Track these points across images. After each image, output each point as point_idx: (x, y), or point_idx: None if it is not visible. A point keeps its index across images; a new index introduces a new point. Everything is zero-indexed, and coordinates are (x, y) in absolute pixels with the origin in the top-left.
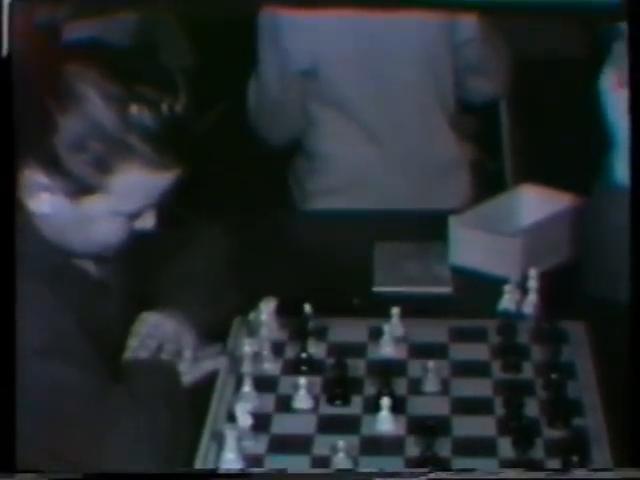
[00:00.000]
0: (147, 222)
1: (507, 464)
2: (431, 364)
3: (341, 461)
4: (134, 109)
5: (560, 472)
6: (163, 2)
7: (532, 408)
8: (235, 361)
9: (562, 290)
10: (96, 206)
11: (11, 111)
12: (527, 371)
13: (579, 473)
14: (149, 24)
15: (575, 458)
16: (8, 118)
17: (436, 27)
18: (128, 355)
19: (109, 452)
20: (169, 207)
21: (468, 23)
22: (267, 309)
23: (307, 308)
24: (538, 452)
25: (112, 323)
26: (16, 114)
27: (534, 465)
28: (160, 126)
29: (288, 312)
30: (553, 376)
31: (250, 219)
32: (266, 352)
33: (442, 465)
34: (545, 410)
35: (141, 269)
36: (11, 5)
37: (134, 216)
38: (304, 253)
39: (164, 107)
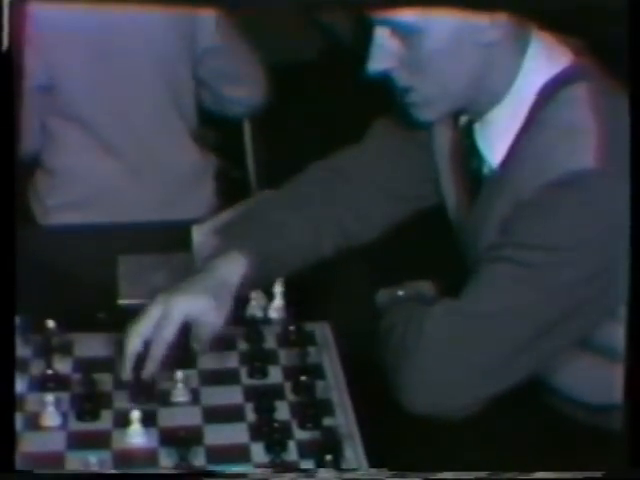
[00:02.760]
0: None
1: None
2: (179, 374)
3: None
4: None
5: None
6: None
7: (283, 411)
8: None
9: (306, 292)
10: None
11: (11, 110)
12: (276, 375)
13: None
14: None
15: (328, 457)
16: (8, 117)
17: (173, 39)
18: None
19: None
20: None
21: (207, 32)
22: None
23: (50, 324)
24: (292, 454)
25: None
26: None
27: (288, 467)
28: None
29: (31, 328)
30: (302, 378)
31: None
32: None
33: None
34: (296, 412)
35: None
36: (11, 5)
37: None
38: (46, 269)
39: None
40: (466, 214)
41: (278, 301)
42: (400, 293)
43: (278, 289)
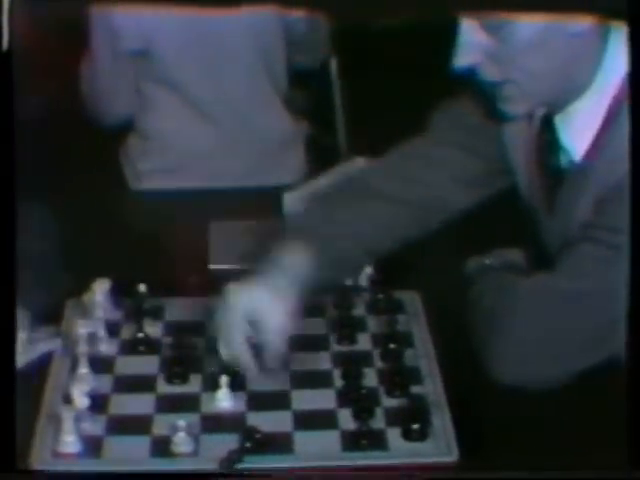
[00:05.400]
0: None
1: (348, 435)
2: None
3: (182, 440)
4: None
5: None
6: None
7: (371, 379)
8: (70, 342)
9: (396, 261)
10: None
11: (11, 110)
12: (365, 342)
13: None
14: None
15: (415, 426)
16: (8, 117)
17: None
18: None
19: None
20: None
21: None
22: (101, 289)
23: (142, 287)
24: (379, 422)
25: None
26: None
27: (375, 435)
28: None
29: (123, 292)
30: (391, 346)
31: (83, 200)
32: (101, 333)
33: None
34: (384, 380)
35: None
36: (11, 5)
37: None
38: (139, 233)
39: None
40: (547, 205)
41: (368, 269)
42: (489, 262)
43: None
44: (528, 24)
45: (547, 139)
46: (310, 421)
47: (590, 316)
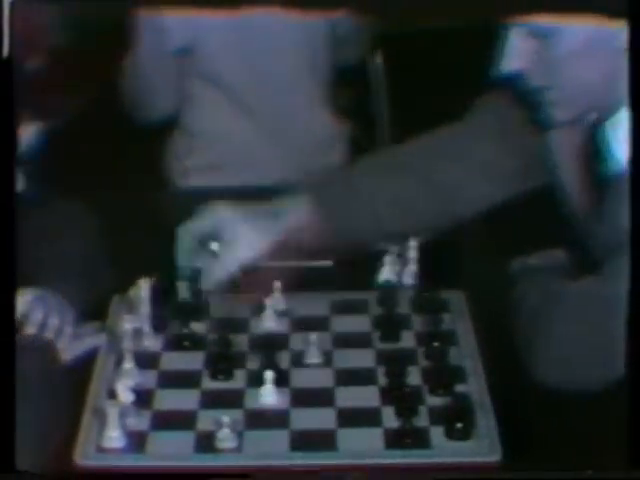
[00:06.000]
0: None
1: (391, 433)
2: (313, 337)
3: (226, 436)
4: None
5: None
6: None
7: (415, 377)
8: (115, 338)
9: (441, 260)
10: None
11: (11, 111)
12: (408, 340)
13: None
14: None
15: (459, 425)
16: (8, 118)
17: None
18: None
19: None
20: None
21: None
22: (146, 285)
23: (187, 284)
24: (422, 420)
25: None
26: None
27: (418, 434)
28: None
29: (169, 288)
30: (435, 344)
31: (129, 197)
32: (147, 328)
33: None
34: (427, 378)
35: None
36: (11, 5)
37: None
38: None
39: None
40: (594, 210)
41: (412, 267)
42: (534, 262)
43: (412, 255)
44: (576, 31)
45: (595, 145)
46: (353, 418)
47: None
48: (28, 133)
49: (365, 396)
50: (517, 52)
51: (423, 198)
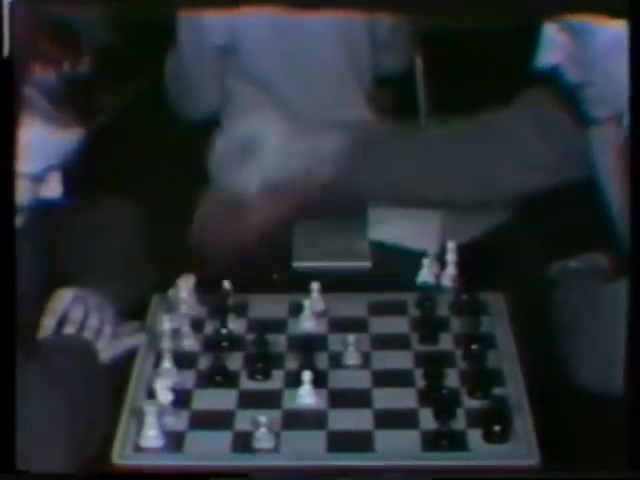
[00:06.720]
0: (53, 190)
1: (429, 435)
2: (351, 338)
3: (263, 436)
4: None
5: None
6: None
7: (453, 379)
8: (154, 337)
9: (480, 262)
10: None
11: (11, 111)
12: (447, 343)
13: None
14: None
15: (496, 428)
16: (8, 118)
17: None
18: (43, 334)
19: (22, 431)
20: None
21: None
22: (186, 286)
23: (226, 284)
24: (460, 423)
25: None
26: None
27: (456, 436)
28: (59, 83)
29: (207, 289)
30: (473, 347)
31: (169, 197)
32: (185, 328)
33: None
34: (465, 381)
35: (53, 244)
36: (11, 5)
37: (37, 179)
38: (223, 230)
39: (65, 65)
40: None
41: (451, 269)
42: (574, 265)
43: (451, 257)
44: (610, 29)
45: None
46: (391, 420)
47: None
48: (74, 136)
49: (403, 398)
50: (552, 46)
51: (449, 177)
